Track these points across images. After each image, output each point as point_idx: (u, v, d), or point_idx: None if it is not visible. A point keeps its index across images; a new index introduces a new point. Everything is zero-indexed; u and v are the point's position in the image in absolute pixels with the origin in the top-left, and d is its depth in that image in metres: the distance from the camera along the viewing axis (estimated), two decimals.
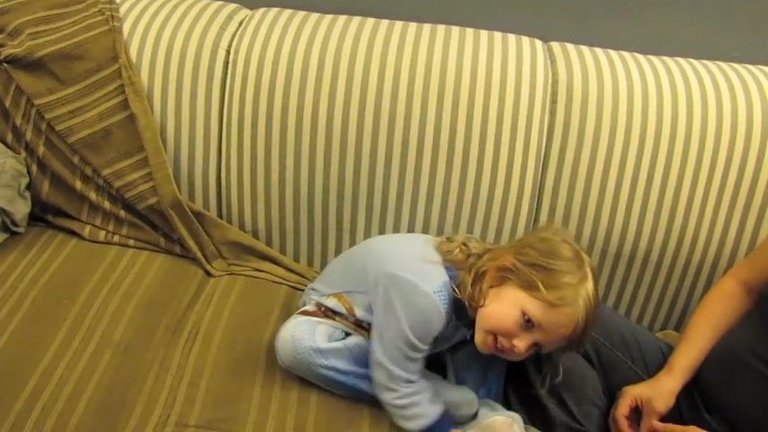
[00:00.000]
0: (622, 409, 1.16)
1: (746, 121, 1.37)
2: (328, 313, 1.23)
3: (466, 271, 1.12)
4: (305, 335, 1.15)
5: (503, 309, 1.07)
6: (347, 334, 1.21)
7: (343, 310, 1.21)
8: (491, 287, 1.09)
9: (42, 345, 1.17)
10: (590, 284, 1.07)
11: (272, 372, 1.20)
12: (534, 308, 1.05)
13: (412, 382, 1.11)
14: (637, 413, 1.17)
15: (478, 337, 1.09)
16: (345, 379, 1.15)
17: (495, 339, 1.07)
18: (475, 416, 1.17)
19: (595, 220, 1.41)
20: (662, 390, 1.17)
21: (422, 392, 1.12)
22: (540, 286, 1.04)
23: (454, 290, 1.10)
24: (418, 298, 1.09)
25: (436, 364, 1.23)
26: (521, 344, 1.06)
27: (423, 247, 1.20)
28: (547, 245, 1.10)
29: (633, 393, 1.17)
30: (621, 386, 1.20)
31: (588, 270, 1.09)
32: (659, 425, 1.14)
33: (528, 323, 1.05)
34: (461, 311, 1.11)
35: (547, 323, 1.05)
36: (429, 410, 1.11)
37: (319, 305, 1.25)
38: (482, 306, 1.08)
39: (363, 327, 1.19)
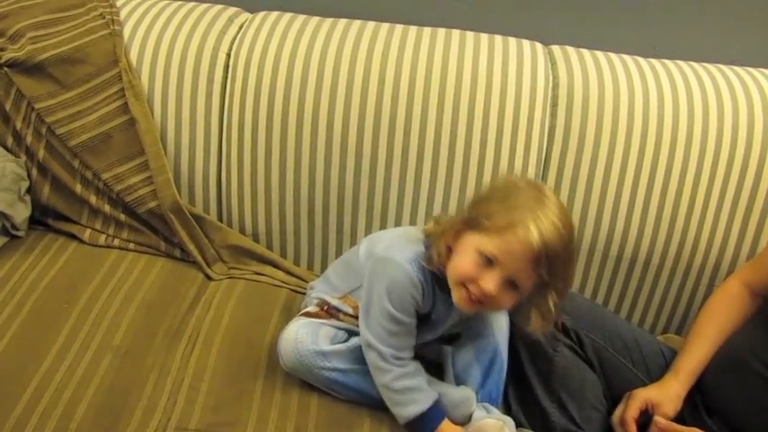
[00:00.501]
0: (632, 411, 1.15)
1: (748, 124, 1.36)
2: (332, 311, 1.23)
3: (435, 240, 1.12)
4: (307, 337, 1.15)
5: (461, 257, 1.06)
6: (349, 335, 1.21)
7: (350, 309, 1.22)
8: (449, 246, 1.09)
9: (42, 349, 1.17)
10: (547, 205, 1.03)
11: (272, 376, 1.19)
12: (486, 243, 1.03)
13: (402, 359, 1.11)
14: (641, 416, 1.16)
15: (454, 296, 1.08)
16: (347, 380, 1.15)
17: (469, 292, 1.05)
18: (470, 417, 1.17)
19: (596, 223, 1.41)
20: (670, 393, 1.16)
21: (416, 377, 1.12)
22: (485, 220, 1.03)
23: (428, 261, 1.11)
24: (391, 268, 1.11)
25: (437, 367, 1.23)
26: (488, 284, 1.02)
27: (411, 230, 1.22)
28: (496, 184, 1.12)
29: (642, 397, 1.16)
30: (623, 390, 1.20)
31: (545, 192, 1.06)
32: (663, 422, 1.13)
33: (487, 261, 1.03)
34: (444, 283, 1.11)
35: (502, 252, 1.02)
36: (422, 398, 1.11)
37: (322, 304, 1.25)
38: (447, 266, 1.09)
39: None
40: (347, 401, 1.17)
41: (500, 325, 1.24)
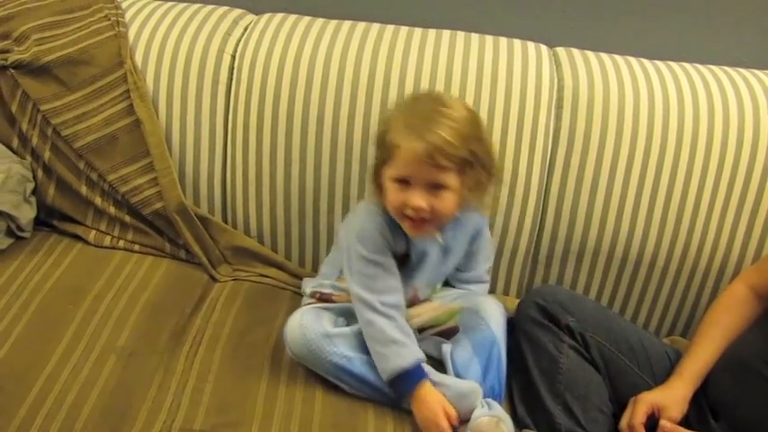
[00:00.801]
0: (640, 416, 1.15)
1: (753, 127, 1.36)
2: (325, 297, 1.27)
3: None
4: (312, 322, 1.17)
5: (387, 192, 1.13)
6: (349, 322, 1.23)
7: (342, 285, 1.26)
8: (379, 185, 1.16)
9: (47, 350, 1.17)
10: (420, 106, 1.13)
11: (276, 376, 1.20)
12: (393, 170, 1.11)
13: (388, 306, 1.15)
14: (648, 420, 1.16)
15: (404, 229, 1.15)
16: (353, 367, 1.16)
17: (410, 217, 1.12)
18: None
19: (601, 224, 1.41)
20: (676, 396, 1.16)
21: (403, 332, 1.15)
22: (386, 151, 1.11)
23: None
24: (357, 221, 1.21)
25: (439, 365, 1.23)
26: (415, 200, 1.09)
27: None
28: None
29: (648, 401, 1.16)
30: (628, 392, 1.20)
31: (420, 97, 1.17)
32: (669, 426, 1.13)
33: (403, 183, 1.10)
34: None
35: (407, 169, 1.08)
36: (406, 353, 1.14)
37: (314, 293, 1.28)
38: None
39: None
40: (351, 400, 1.17)
41: (493, 315, 1.26)
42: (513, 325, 1.33)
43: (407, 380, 1.14)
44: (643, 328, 1.47)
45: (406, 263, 1.21)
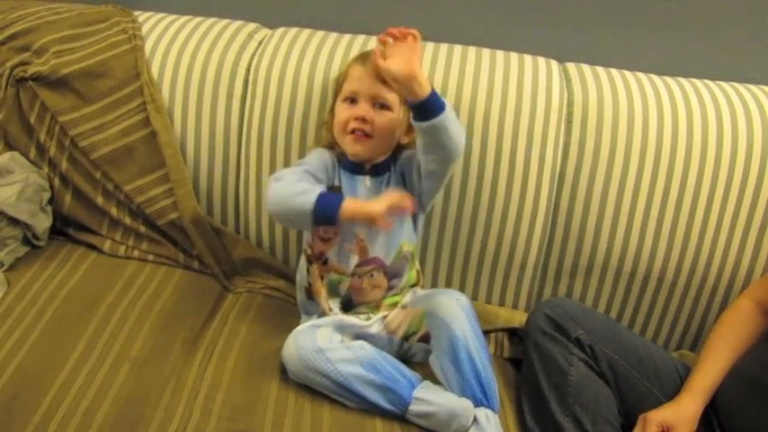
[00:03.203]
0: None
1: (762, 142, 1.37)
2: (316, 256, 1.31)
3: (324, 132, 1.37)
4: (306, 341, 1.19)
5: (336, 116, 1.28)
6: (342, 336, 1.25)
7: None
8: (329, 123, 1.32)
9: (61, 357, 1.18)
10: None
11: (286, 387, 1.21)
12: (342, 92, 1.28)
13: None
14: None
15: (345, 149, 1.28)
16: (350, 384, 1.17)
17: (353, 132, 1.25)
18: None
19: (610, 238, 1.41)
20: (685, 415, 1.15)
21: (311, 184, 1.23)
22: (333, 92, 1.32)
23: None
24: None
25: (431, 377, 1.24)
26: (361, 109, 1.24)
27: None
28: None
29: (658, 419, 1.15)
30: (637, 405, 1.20)
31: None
32: None
33: (351, 101, 1.26)
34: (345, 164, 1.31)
35: (355, 85, 1.25)
36: (316, 189, 1.18)
37: (305, 251, 1.34)
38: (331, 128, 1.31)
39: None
40: (359, 410, 1.18)
41: (451, 313, 1.23)
42: (521, 337, 1.34)
43: (328, 203, 1.15)
44: (652, 341, 1.47)
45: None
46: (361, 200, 1.21)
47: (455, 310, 1.24)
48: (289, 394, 1.19)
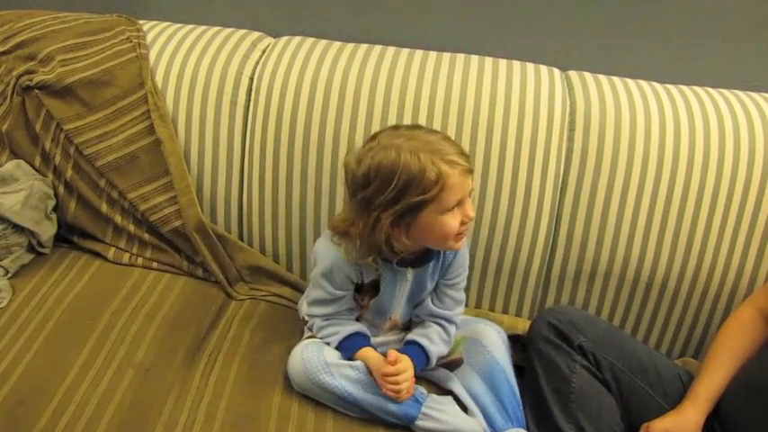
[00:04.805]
0: None
1: (764, 150, 1.37)
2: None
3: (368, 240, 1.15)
4: (314, 355, 1.19)
5: (439, 227, 1.12)
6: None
7: None
8: (389, 235, 1.13)
9: (65, 364, 1.19)
10: (421, 135, 1.12)
11: (289, 394, 1.21)
12: (444, 201, 1.10)
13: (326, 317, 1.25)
14: None
15: (448, 247, 1.16)
16: (356, 399, 1.17)
17: (458, 234, 1.14)
18: None
19: (613, 246, 1.41)
20: (688, 423, 1.15)
21: (336, 325, 1.24)
22: (421, 196, 1.08)
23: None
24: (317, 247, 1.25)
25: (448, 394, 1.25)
26: (471, 211, 1.14)
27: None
28: (382, 170, 1.10)
29: (661, 429, 1.15)
30: (639, 412, 1.20)
31: (408, 133, 1.13)
32: None
33: (458, 205, 1.12)
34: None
35: (456, 191, 1.10)
36: (345, 330, 1.23)
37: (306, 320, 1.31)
38: (409, 240, 1.13)
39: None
40: (362, 419, 1.19)
41: (493, 341, 1.29)
42: (524, 345, 1.34)
43: (349, 345, 1.22)
44: (654, 349, 1.47)
45: (375, 294, 1.24)
46: (404, 293, 1.24)
47: (496, 340, 1.30)
48: (292, 402, 1.19)
